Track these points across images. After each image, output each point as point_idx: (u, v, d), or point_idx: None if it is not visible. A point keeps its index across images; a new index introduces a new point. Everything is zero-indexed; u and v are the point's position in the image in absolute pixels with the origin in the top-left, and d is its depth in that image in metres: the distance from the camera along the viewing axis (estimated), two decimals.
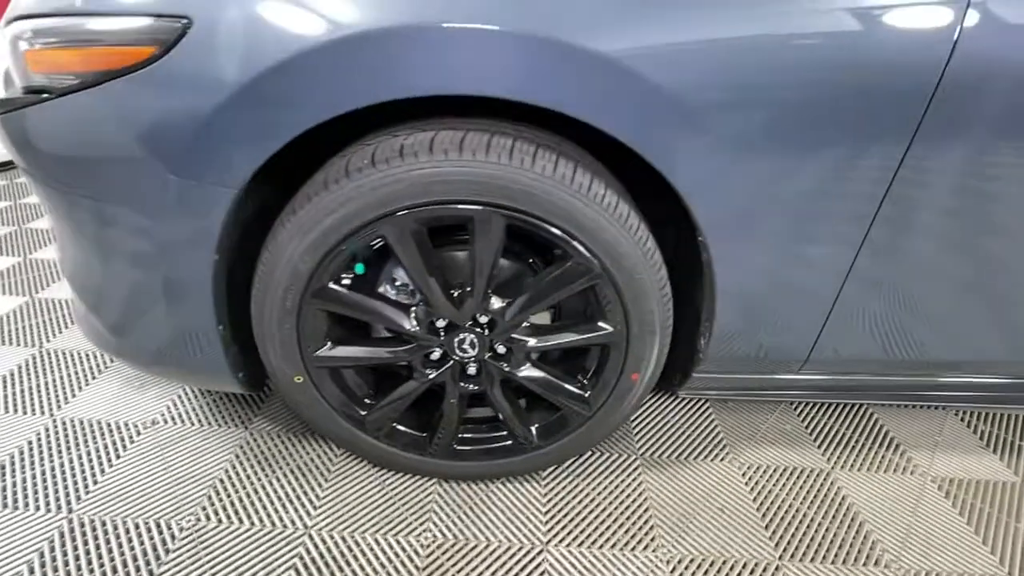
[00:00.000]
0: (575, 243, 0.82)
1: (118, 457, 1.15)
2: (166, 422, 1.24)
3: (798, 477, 1.23)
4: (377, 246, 0.87)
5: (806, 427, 1.36)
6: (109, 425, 1.22)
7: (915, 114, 0.72)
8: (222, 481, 1.11)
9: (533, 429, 1.08)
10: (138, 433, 1.21)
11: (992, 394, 1.10)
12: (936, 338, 0.96)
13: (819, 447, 1.31)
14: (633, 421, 1.34)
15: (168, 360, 0.97)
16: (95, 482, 1.09)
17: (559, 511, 1.10)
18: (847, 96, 0.71)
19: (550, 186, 0.76)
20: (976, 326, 0.94)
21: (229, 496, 1.08)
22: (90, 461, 1.13)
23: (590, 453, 1.24)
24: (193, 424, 1.24)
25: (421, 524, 1.06)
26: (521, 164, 0.75)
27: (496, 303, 0.91)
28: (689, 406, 1.40)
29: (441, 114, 0.83)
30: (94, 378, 1.35)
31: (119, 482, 1.09)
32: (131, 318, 0.92)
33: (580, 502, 1.13)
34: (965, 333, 0.95)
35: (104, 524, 1.01)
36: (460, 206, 0.78)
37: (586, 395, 1.02)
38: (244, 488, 1.10)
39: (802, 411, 1.41)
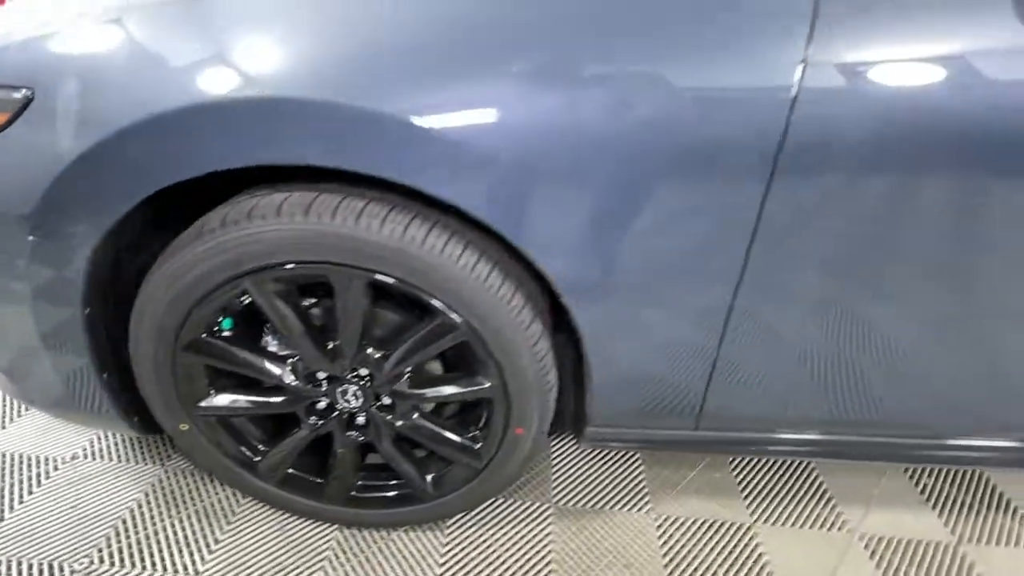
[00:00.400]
0: (436, 302, 0.82)
1: (30, 493, 1.17)
2: (86, 457, 1.26)
3: (716, 531, 1.19)
4: (248, 301, 0.88)
5: (736, 477, 1.33)
6: (31, 459, 1.25)
7: (763, 174, 0.70)
8: (125, 522, 1.12)
9: (429, 479, 1.07)
10: (55, 468, 1.23)
11: (908, 453, 1.06)
12: (820, 396, 0.93)
13: (745, 499, 1.27)
14: (554, 468, 1.32)
15: (65, 405, 0.99)
16: (1, 519, 1.11)
17: (456, 562, 1.09)
18: (692, 157, 0.70)
19: (399, 247, 0.76)
20: (858, 383, 0.91)
21: (128, 537, 1.09)
22: (1, 498, 1.16)
23: (502, 500, 1.22)
24: (112, 460, 1.26)
25: (312, 574, 1.05)
26: (368, 227, 0.75)
27: (374, 355, 0.91)
28: (616, 453, 1.37)
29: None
30: (27, 409, 1.38)
31: (25, 520, 1.11)
32: (22, 366, 0.94)
33: (480, 552, 1.11)
34: (849, 390, 0.92)
35: None
36: (312, 266, 0.79)
37: (476, 448, 1.01)
38: (145, 529, 1.11)
39: (736, 460, 1.37)
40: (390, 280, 0.80)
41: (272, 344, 0.96)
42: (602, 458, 1.35)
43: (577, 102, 0.67)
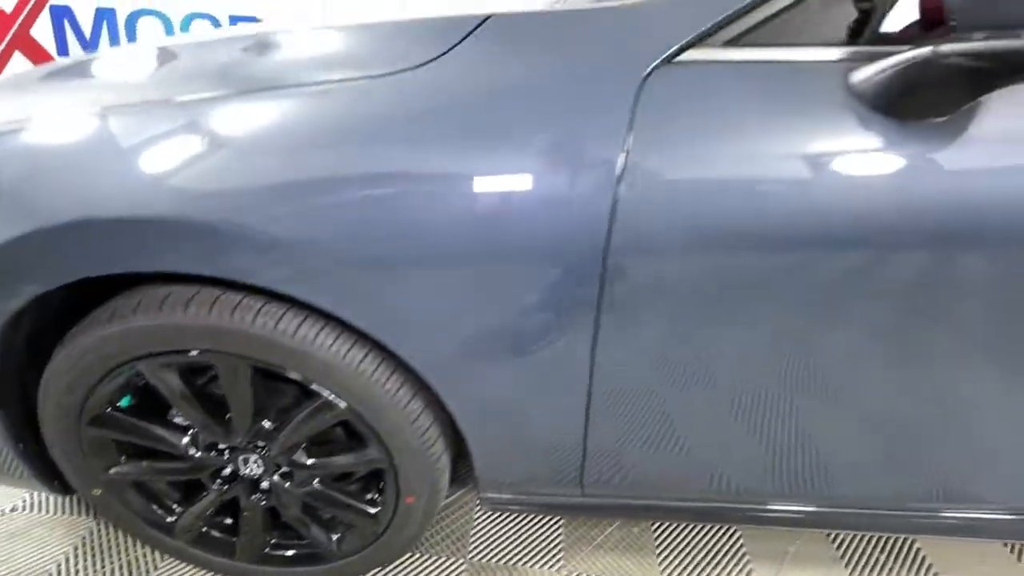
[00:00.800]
0: (314, 385, 0.88)
1: None
2: (23, 509, 1.32)
3: None
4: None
5: (654, 534, 1.36)
6: None
7: (597, 256, 0.74)
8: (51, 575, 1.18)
9: (335, 539, 1.11)
10: None
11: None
12: (699, 465, 0.96)
13: (659, 556, 1.30)
14: (476, 521, 1.36)
15: None
16: None
17: None
18: (525, 241, 0.75)
19: (272, 338, 0.83)
20: (731, 452, 0.95)
21: None
22: None
23: (417, 555, 1.26)
24: (47, 512, 1.32)
25: None
26: (242, 320, 0.82)
27: (268, 428, 0.97)
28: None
29: None
30: None
31: None
32: None
33: None
34: (724, 460, 0.96)
35: None
36: (194, 354, 0.87)
37: (374, 513, 1.05)
38: None
39: None
40: (266, 365, 0.86)
41: (178, 416, 1.02)
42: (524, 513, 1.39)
43: (404, 194, 0.73)
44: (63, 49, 3.17)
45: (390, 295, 0.77)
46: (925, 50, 0.63)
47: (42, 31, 3.10)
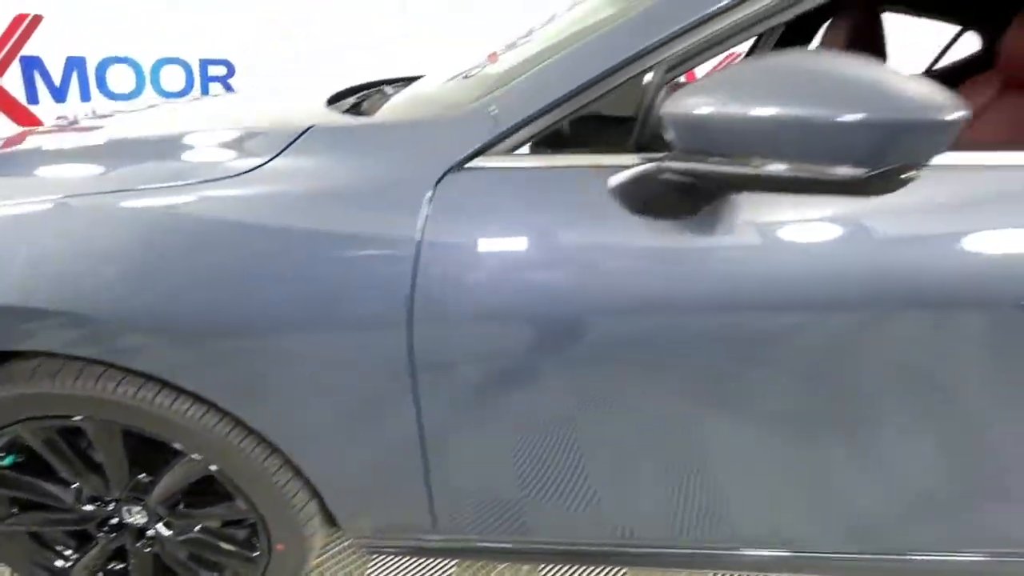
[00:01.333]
0: (175, 443, 0.98)
1: None
2: None
3: None
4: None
5: (540, 572, 1.43)
6: None
7: (404, 309, 0.83)
8: None
9: None
10: None
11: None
12: (531, 508, 1.04)
13: None
14: (372, 561, 1.44)
15: None
16: None
17: None
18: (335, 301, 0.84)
19: (133, 404, 0.92)
20: (578, 497, 1.03)
21: None
22: None
23: None
24: None
25: None
26: (104, 388, 0.92)
27: (144, 480, 1.06)
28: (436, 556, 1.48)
29: None
30: None
31: None
32: None
33: None
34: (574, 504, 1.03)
35: None
36: (77, 419, 0.97)
37: (254, 557, 1.14)
38: None
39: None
40: (135, 429, 0.96)
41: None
42: (420, 559, 1.46)
43: (221, 280, 0.84)
44: (33, 98, 3.31)
45: (220, 364, 0.87)
46: (651, 165, 0.75)
47: (12, 82, 3.25)
